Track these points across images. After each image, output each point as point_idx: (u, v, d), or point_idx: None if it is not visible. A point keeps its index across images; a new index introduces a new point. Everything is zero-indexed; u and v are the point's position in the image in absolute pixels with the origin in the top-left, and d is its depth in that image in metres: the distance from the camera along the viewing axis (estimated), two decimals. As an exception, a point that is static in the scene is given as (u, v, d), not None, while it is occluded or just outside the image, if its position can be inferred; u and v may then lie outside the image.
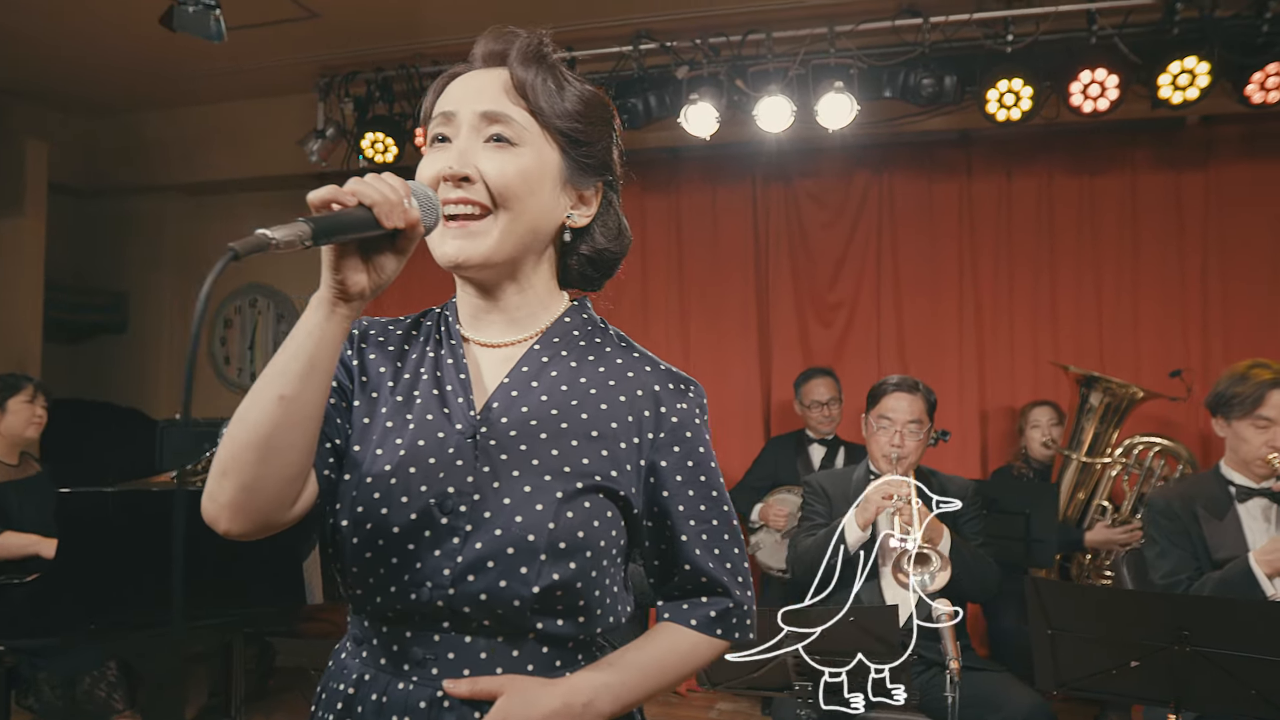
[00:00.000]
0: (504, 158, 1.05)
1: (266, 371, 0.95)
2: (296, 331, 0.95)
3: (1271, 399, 2.52)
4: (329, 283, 0.93)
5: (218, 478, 0.97)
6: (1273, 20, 3.55)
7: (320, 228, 0.86)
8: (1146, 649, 1.94)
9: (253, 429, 0.94)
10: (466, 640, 1.03)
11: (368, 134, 4.50)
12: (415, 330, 1.19)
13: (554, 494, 1.03)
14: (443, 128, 1.07)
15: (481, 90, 1.07)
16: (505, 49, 1.09)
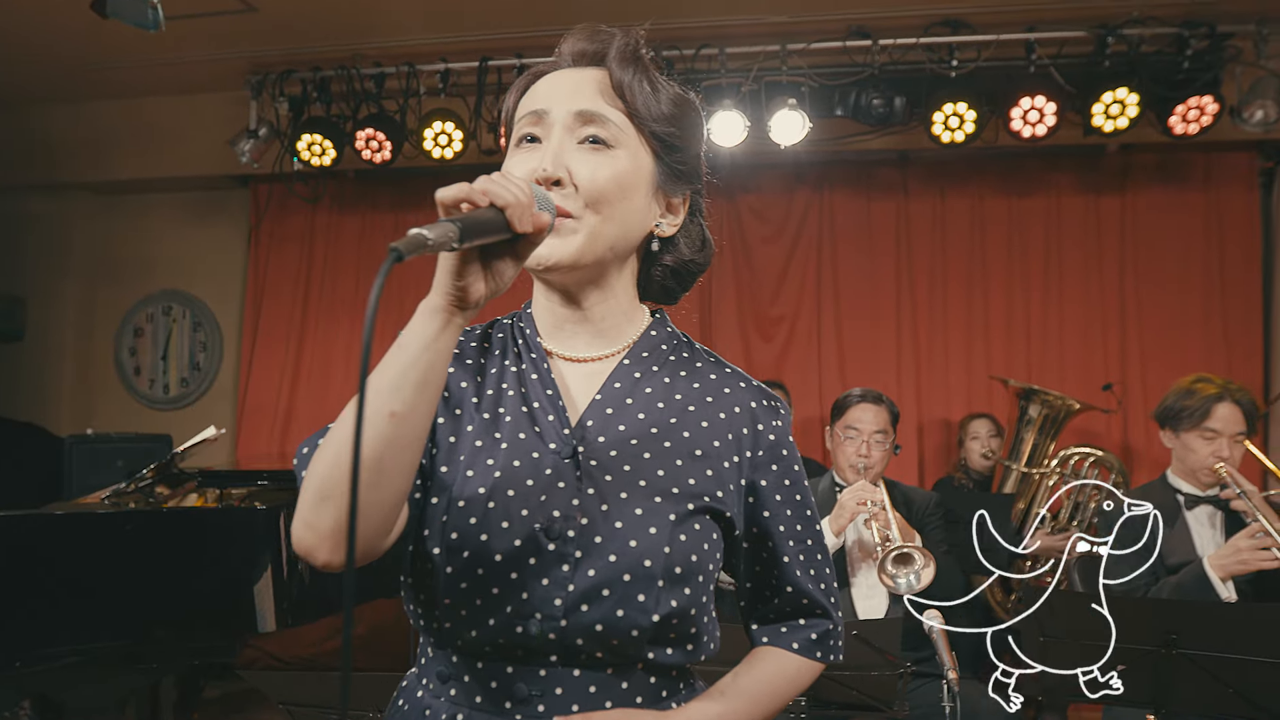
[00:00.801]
0: (599, 160, 1.01)
1: (373, 386, 0.87)
2: (407, 343, 0.88)
3: (1217, 412, 2.67)
4: (448, 289, 0.86)
5: (316, 503, 0.88)
6: (1192, 58, 3.79)
7: (464, 228, 0.80)
8: (1136, 653, 2.01)
9: (362, 449, 0.86)
10: (575, 674, 0.97)
11: (304, 135, 4.31)
12: (487, 342, 1.12)
13: (666, 516, 0.98)
14: (532, 127, 1.02)
15: (577, 89, 1.03)
16: (601, 49, 1.06)
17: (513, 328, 1.13)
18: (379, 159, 4.32)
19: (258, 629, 2.76)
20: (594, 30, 1.07)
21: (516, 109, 1.08)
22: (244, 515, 2.80)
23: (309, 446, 0.98)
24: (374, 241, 5.15)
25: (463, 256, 0.85)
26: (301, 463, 0.97)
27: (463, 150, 4.30)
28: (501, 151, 1.13)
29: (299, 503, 0.90)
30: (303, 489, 0.90)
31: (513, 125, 1.08)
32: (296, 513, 0.90)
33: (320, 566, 0.90)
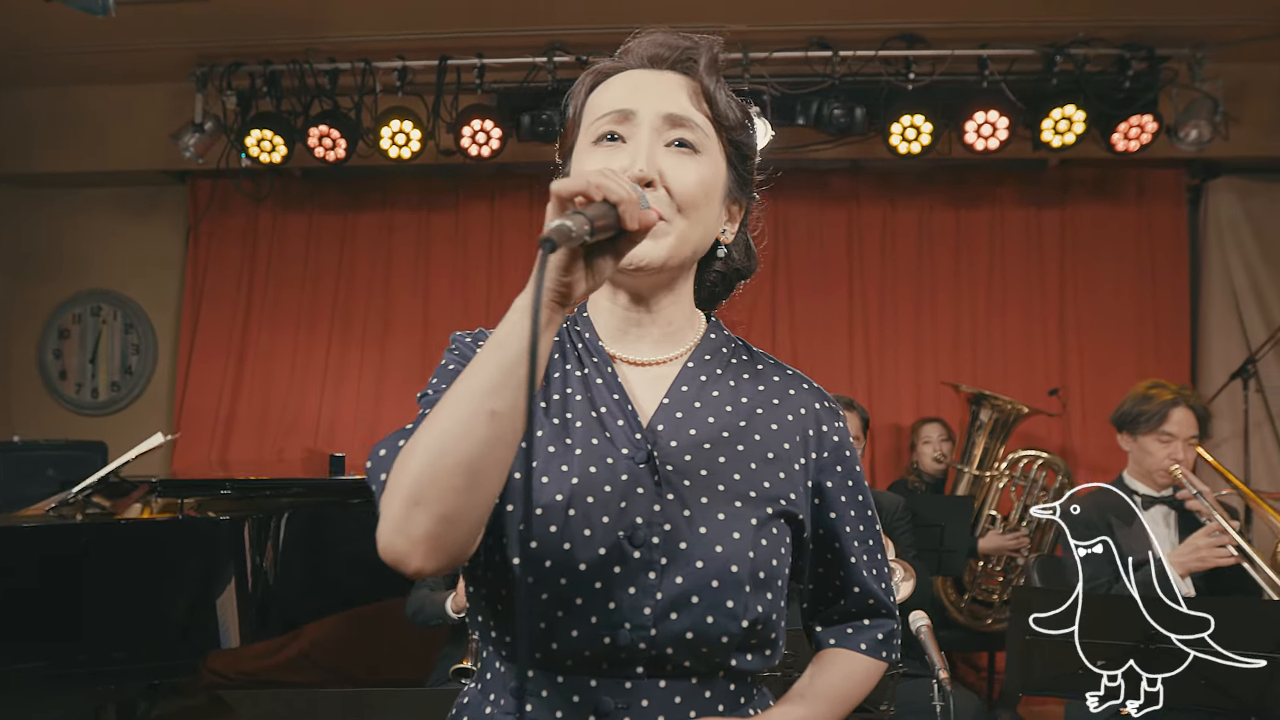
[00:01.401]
0: (689, 164, 1.00)
1: (470, 385, 0.84)
2: (508, 341, 0.84)
3: (1173, 416, 2.80)
4: (554, 285, 0.84)
5: (408, 508, 0.84)
6: (1133, 79, 3.98)
7: (591, 222, 0.78)
8: (1117, 649, 2.08)
9: (460, 450, 0.83)
10: (661, 685, 0.96)
11: (253, 131, 4.16)
12: None
13: (748, 521, 0.98)
14: (617, 125, 1.01)
15: (664, 92, 1.02)
16: (682, 55, 1.05)
17: (568, 331, 1.11)
18: (332, 157, 4.20)
19: (220, 645, 2.65)
20: (672, 34, 1.07)
21: (587, 106, 1.06)
22: (206, 526, 2.68)
23: (387, 449, 0.95)
24: (321, 243, 5.00)
25: (572, 252, 0.83)
26: (379, 465, 0.93)
27: (420, 150, 4.21)
28: (565, 147, 1.11)
29: (386, 507, 0.86)
30: (389, 493, 0.86)
31: (581, 121, 1.06)
32: (384, 518, 0.86)
33: (411, 574, 0.86)
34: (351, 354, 4.96)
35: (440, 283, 5.04)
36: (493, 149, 4.18)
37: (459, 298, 5.03)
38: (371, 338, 4.97)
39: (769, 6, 3.91)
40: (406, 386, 4.95)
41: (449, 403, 0.85)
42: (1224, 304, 4.59)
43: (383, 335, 4.99)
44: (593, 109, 1.04)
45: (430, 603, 3.00)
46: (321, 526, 2.94)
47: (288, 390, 4.91)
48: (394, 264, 5.04)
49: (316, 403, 4.90)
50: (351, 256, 5.02)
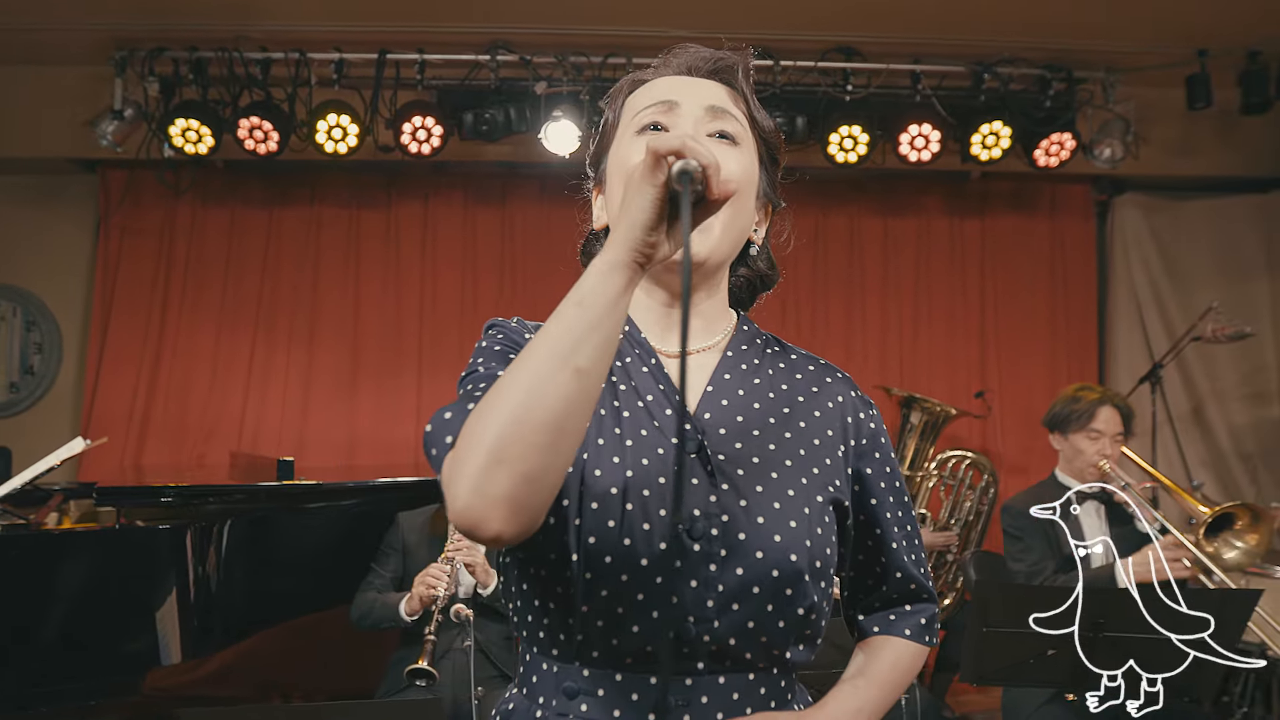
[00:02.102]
0: (731, 154, 1.02)
1: (552, 342, 0.83)
2: (589, 301, 0.83)
3: (1101, 415, 2.97)
4: (638, 245, 0.83)
5: (489, 466, 0.80)
6: (1053, 98, 4.20)
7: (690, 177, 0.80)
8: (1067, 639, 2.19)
9: (544, 406, 0.81)
10: (720, 680, 0.96)
11: (178, 120, 3.96)
12: None
13: (802, 509, 0.99)
14: (662, 116, 1.03)
15: (707, 93, 1.05)
16: (717, 66, 1.08)
17: None
18: (263, 150, 4.04)
19: (161, 661, 2.51)
20: (703, 48, 1.10)
21: (627, 106, 1.09)
22: (145, 535, 2.54)
23: (453, 412, 0.92)
24: (245, 238, 4.80)
25: (660, 211, 0.83)
26: (444, 428, 0.90)
27: (358, 146, 4.10)
28: (600, 150, 1.12)
29: (461, 468, 0.82)
30: (463, 453, 0.82)
31: (620, 120, 1.08)
32: (458, 479, 0.81)
33: (489, 539, 0.82)
34: (277, 355, 4.78)
35: (371, 282, 4.90)
36: (433, 146, 4.10)
37: (391, 298, 4.90)
38: (299, 338, 4.80)
39: (711, 14, 3.96)
40: (336, 388, 4.80)
41: (529, 361, 0.83)
42: (1129, 313, 4.88)
43: (310, 336, 4.82)
44: (634, 106, 1.07)
45: (381, 605, 2.92)
46: (269, 533, 2.83)
47: (208, 393, 4.69)
48: (322, 262, 4.88)
49: (239, 406, 4.69)
50: (277, 254, 4.84)
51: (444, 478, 0.85)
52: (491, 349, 1.04)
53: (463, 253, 4.98)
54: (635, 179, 0.84)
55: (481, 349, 1.05)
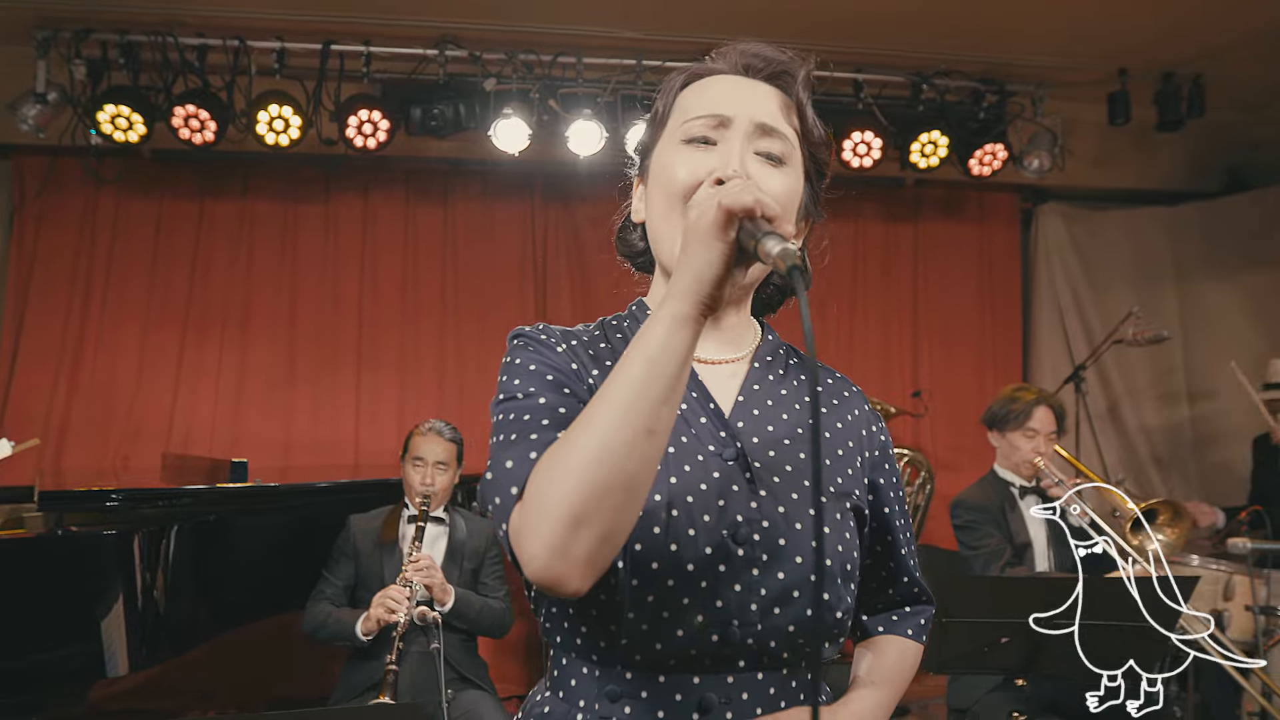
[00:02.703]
0: (775, 176, 1.02)
1: (625, 401, 0.83)
2: (661, 357, 0.83)
3: (1037, 414, 3.12)
4: (706, 297, 0.84)
5: (570, 528, 0.82)
6: (987, 110, 4.38)
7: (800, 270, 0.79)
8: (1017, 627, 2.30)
9: (621, 469, 0.82)
10: (759, 678, 0.98)
11: (106, 106, 3.78)
12: (605, 343, 1.10)
13: (834, 516, 1.02)
14: (710, 130, 1.02)
15: (758, 101, 1.04)
16: (777, 68, 1.07)
17: (632, 326, 1.12)
18: (199, 140, 3.89)
19: (106, 673, 2.41)
20: (766, 46, 1.08)
21: (677, 104, 1.07)
22: (90, 541, 2.42)
23: (514, 460, 0.91)
24: (174, 231, 4.61)
25: (729, 265, 0.84)
26: (508, 477, 0.90)
27: (300, 138, 3.98)
28: (647, 141, 1.11)
29: (536, 526, 0.83)
30: (538, 512, 0.84)
31: (669, 117, 1.07)
32: (535, 538, 0.83)
33: (567, 594, 0.85)
34: (208, 352, 4.60)
35: (308, 278, 4.77)
36: (379, 141, 4.02)
37: (329, 294, 4.78)
38: (231, 335, 4.64)
39: (662, 17, 3.99)
40: (272, 387, 4.66)
41: (602, 420, 0.83)
42: (1051, 317, 5.13)
43: (244, 332, 4.66)
44: (685, 107, 1.05)
45: (335, 621, 2.85)
46: (219, 538, 2.73)
47: (134, 392, 4.49)
48: (256, 257, 4.73)
49: (168, 405, 4.51)
50: (208, 247, 4.67)
51: (512, 530, 0.87)
52: (526, 368, 1.02)
53: (404, 249, 4.90)
54: (701, 231, 0.83)
55: (514, 367, 1.03)
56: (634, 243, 1.18)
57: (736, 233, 0.83)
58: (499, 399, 1.01)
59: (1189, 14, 3.82)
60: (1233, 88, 4.39)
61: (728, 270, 0.84)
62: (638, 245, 1.18)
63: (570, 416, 0.95)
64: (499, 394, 1.02)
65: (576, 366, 1.03)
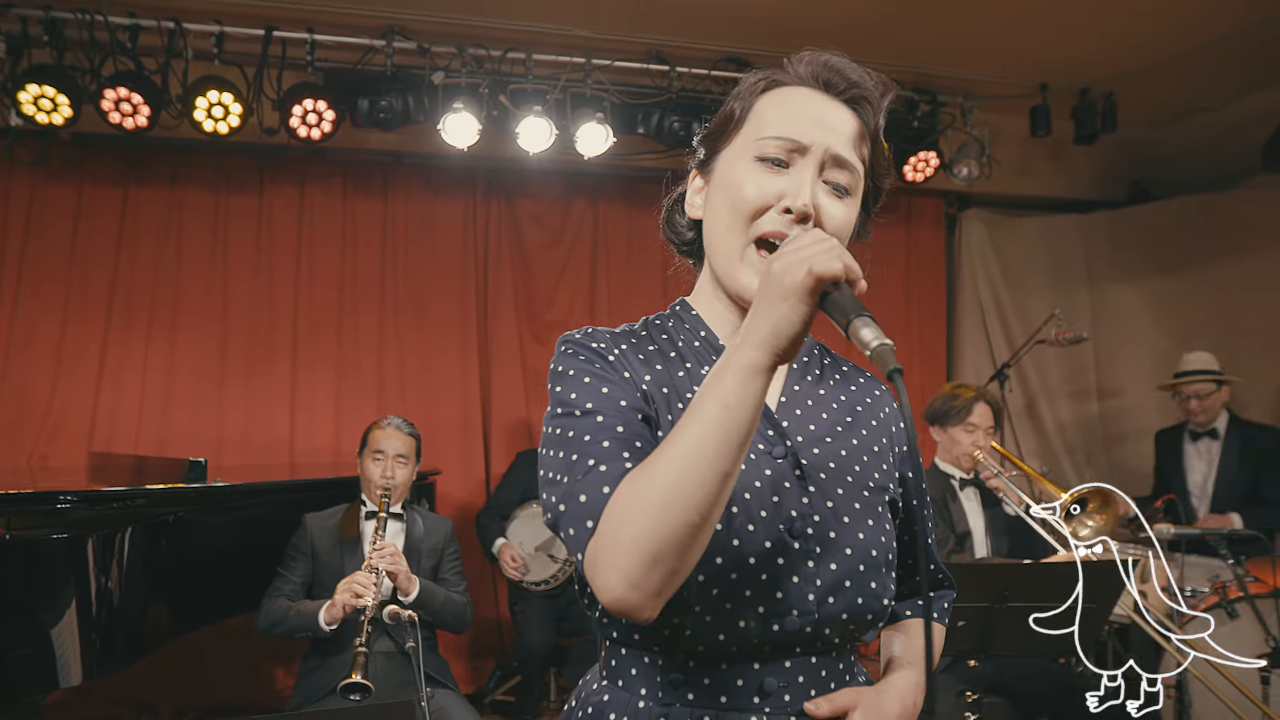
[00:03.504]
0: (840, 207, 1.04)
1: (700, 445, 0.86)
2: (737, 402, 0.87)
3: (977, 410, 3.29)
4: (782, 349, 0.87)
5: (647, 566, 0.86)
6: (921, 118, 4.57)
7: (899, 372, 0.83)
8: (974, 610, 2.44)
9: (696, 511, 0.86)
10: (813, 661, 1.04)
11: (29, 86, 3.57)
12: (653, 345, 1.13)
13: (875, 509, 1.09)
14: (785, 154, 1.03)
15: (834, 130, 1.04)
16: (857, 91, 1.07)
17: (678, 327, 1.15)
18: (131, 124, 3.71)
19: (59, 683, 2.30)
20: (845, 62, 1.08)
21: (754, 113, 1.08)
22: (40, 546, 2.30)
23: (587, 495, 0.94)
24: (95, 220, 4.39)
25: (808, 323, 0.87)
26: (583, 511, 0.93)
27: (240, 126, 3.85)
28: (715, 139, 1.13)
29: (614, 560, 0.88)
30: (613, 546, 0.88)
31: (744, 124, 1.08)
32: (612, 570, 0.88)
33: (640, 622, 0.90)
34: (134, 347, 4.40)
35: (241, 272, 4.62)
36: (324, 131, 3.92)
37: (263, 288, 4.63)
38: (159, 329, 4.45)
39: (612, 16, 4.02)
40: (203, 384, 4.49)
41: (681, 464, 0.86)
42: (973, 318, 5.39)
43: (172, 327, 4.48)
44: (763, 121, 1.06)
45: (296, 613, 2.79)
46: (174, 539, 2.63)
47: (52, 388, 4.26)
48: (185, 248, 4.54)
49: (90, 402, 4.29)
50: (133, 237, 4.46)
51: (588, 561, 0.91)
52: (581, 380, 1.04)
53: (342, 244, 4.79)
54: (786, 288, 0.85)
55: (568, 378, 1.05)
56: (682, 231, 1.22)
57: (821, 296, 0.86)
58: (556, 412, 1.03)
59: (1104, 38, 4.08)
60: (1141, 106, 4.71)
61: (806, 329, 0.87)
62: (685, 234, 1.22)
63: (630, 435, 0.99)
64: (555, 406, 1.04)
65: (629, 374, 1.06)
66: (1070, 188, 5.29)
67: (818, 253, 0.86)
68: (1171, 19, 3.88)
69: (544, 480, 1.01)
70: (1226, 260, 4.83)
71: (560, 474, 0.98)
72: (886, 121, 1.12)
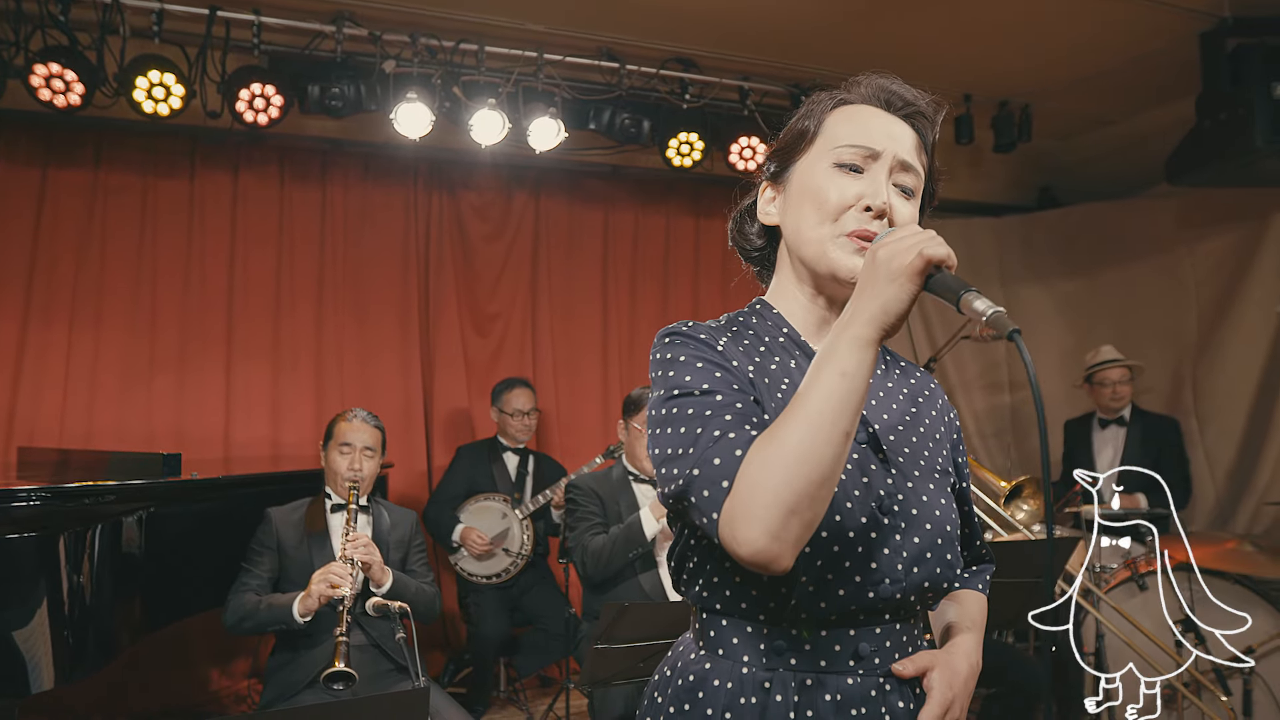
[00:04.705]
0: (907, 206, 1.17)
1: (823, 409, 0.97)
2: (852, 372, 0.97)
3: None
4: (890, 325, 0.98)
5: (785, 516, 0.96)
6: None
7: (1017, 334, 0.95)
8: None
9: (825, 465, 0.96)
10: (897, 627, 1.15)
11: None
12: (746, 340, 1.22)
13: (945, 489, 1.21)
14: (861, 160, 1.15)
15: (900, 139, 1.17)
16: (914, 110, 1.20)
17: (761, 325, 1.24)
18: (63, 102, 3.53)
19: (30, 689, 2.22)
20: (902, 85, 1.21)
21: (826, 127, 1.19)
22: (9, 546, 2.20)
23: (722, 458, 1.02)
24: (8, 202, 4.14)
25: (914, 301, 0.99)
26: (718, 473, 1.01)
27: (182, 108, 3.71)
28: (787, 151, 1.22)
29: (752, 514, 0.96)
30: (751, 501, 0.97)
31: (817, 137, 1.19)
32: (751, 523, 0.96)
33: (777, 572, 0.99)
34: (55, 338, 4.18)
35: (171, 259, 4.44)
36: (271, 117, 3.82)
37: (196, 277, 4.47)
38: (83, 320, 4.24)
39: (565, 11, 4.05)
40: (131, 376, 4.31)
41: (809, 424, 0.96)
42: (897, 313, 5.66)
43: (97, 317, 4.27)
44: (836, 133, 1.17)
45: (267, 607, 2.75)
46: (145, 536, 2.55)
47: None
48: (110, 234, 4.34)
49: (7, 397, 4.06)
50: (53, 221, 4.23)
51: (725, 517, 0.99)
52: (694, 365, 1.12)
53: (278, 232, 4.66)
54: (896, 270, 0.97)
55: (680, 364, 1.13)
56: (752, 238, 1.32)
57: (925, 278, 0.98)
58: (672, 393, 1.11)
59: (1025, 57, 4.38)
60: (1052, 118, 5.05)
61: (911, 307, 0.99)
62: (755, 241, 1.31)
63: (748, 411, 1.08)
64: (670, 389, 1.11)
65: (736, 363, 1.15)
66: (986, 192, 5.63)
67: (924, 239, 0.97)
68: (1085, 42, 4.19)
69: (663, 456, 1.08)
70: (1125, 263, 5.25)
71: (684, 447, 1.05)
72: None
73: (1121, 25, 4.03)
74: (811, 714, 1.09)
